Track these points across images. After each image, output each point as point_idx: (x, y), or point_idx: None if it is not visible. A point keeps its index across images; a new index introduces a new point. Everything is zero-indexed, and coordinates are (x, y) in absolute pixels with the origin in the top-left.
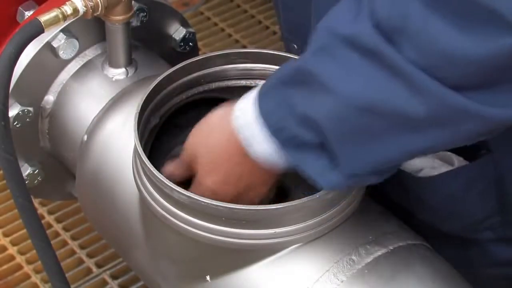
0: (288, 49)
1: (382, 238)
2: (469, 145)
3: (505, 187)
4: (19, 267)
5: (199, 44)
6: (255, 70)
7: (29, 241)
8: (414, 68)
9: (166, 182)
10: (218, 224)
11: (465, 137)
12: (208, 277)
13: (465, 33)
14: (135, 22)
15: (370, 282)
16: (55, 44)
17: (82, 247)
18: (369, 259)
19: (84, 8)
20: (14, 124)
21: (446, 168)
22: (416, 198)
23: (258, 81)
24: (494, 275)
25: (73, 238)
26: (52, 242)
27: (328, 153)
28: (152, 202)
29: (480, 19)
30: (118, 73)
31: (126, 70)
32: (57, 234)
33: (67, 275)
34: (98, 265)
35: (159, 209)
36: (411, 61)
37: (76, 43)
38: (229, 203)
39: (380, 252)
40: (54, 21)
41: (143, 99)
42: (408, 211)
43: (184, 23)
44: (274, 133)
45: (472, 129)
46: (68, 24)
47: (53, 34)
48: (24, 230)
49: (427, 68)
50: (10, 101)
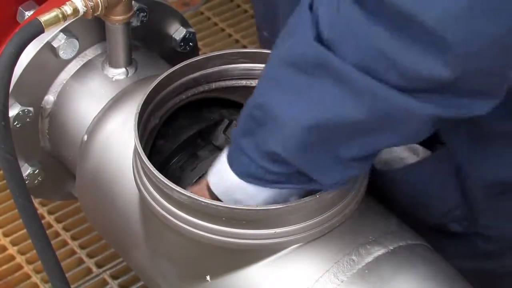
0: (260, 37)
1: (382, 238)
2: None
3: (464, 179)
4: (19, 267)
5: (199, 44)
6: (255, 70)
7: (29, 241)
8: (356, 72)
9: (166, 182)
10: (218, 224)
11: (417, 133)
12: (208, 277)
13: (406, 45)
14: (135, 22)
15: (370, 282)
16: (55, 44)
17: (82, 247)
18: (369, 259)
19: (84, 8)
20: (14, 124)
21: (412, 160)
22: (387, 190)
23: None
24: (465, 267)
25: (73, 238)
26: (52, 242)
27: (309, 178)
28: (152, 202)
29: (418, 32)
30: (118, 73)
31: (126, 70)
32: (57, 234)
33: (67, 275)
34: (98, 265)
35: (159, 209)
36: (354, 65)
37: (76, 43)
38: (230, 203)
39: (380, 252)
40: (54, 21)
41: (143, 99)
42: (385, 201)
43: (184, 23)
44: (260, 182)
45: (420, 127)
46: (68, 24)
47: (53, 34)
48: (24, 230)
49: (370, 71)
50: (10, 101)
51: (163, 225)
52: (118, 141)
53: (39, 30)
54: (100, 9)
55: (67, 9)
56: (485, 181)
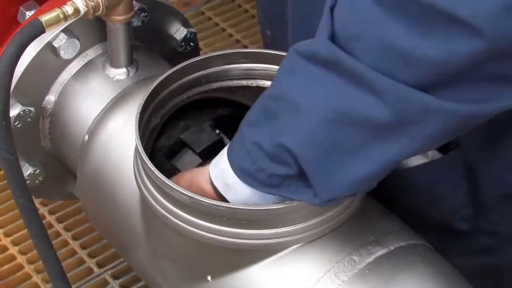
0: (263, 36)
1: (383, 238)
2: None
3: (476, 180)
4: (20, 267)
5: (200, 44)
6: (256, 70)
7: (30, 241)
8: (372, 72)
9: (167, 182)
10: (219, 224)
11: (433, 138)
12: (209, 277)
13: (425, 36)
14: (136, 22)
15: (371, 282)
16: (56, 44)
17: (83, 247)
18: (370, 259)
19: (85, 8)
20: (15, 124)
21: (422, 160)
22: (396, 189)
23: (259, 81)
24: (467, 265)
25: (74, 238)
26: (53, 242)
27: (307, 182)
28: (153, 202)
29: (438, 22)
30: (119, 73)
31: (127, 70)
32: (58, 234)
33: (68, 275)
34: (99, 265)
35: (160, 209)
36: (369, 65)
37: (77, 43)
38: (230, 203)
39: (381, 252)
40: (55, 21)
41: (144, 99)
42: (390, 199)
43: (185, 23)
44: (249, 178)
45: (438, 129)
46: (69, 24)
47: (54, 34)
48: (25, 230)
49: (387, 71)
50: (11, 101)
51: (164, 225)
52: (119, 141)
53: (40, 30)
54: (101, 9)
55: (68, 9)
56: (498, 182)
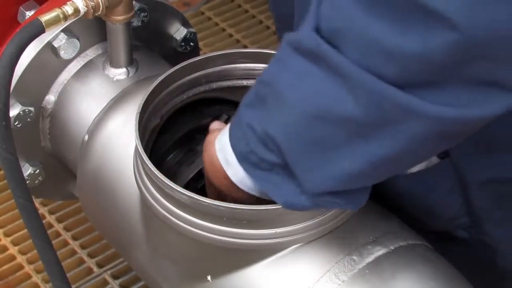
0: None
1: (383, 238)
2: None
3: (468, 188)
4: (20, 267)
5: (200, 44)
6: (256, 70)
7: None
8: (354, 67)
9: (167, 182)
10: (219, 224)
11: (418, 141)
12: (209, 277)
13: (404, 30)
14: (136, 22)
15: (371, 282)
16: (56, 44)
17: (83, 247)
18: (370, 259)
19: (85, 8)
20: (15, 124)
21: (419, 168)
22: (394, 196)
23: None
24: (472, 273)
25: (74, 238)
26: (53, 242)
27: (293, 175)
28: (153, 202)
29: (418, 17)
30: (119, 73)
31: (127, 70)
32: (58, 234)
33: (68, 275)
34: (99, 265)
35: (160, 209)
36: (352, 60)
37: (77, 43)
38: (230, 203)
39: (381, 252)
40: (55, 21)
41: (144, 99)
42: (390, 206)
43: (185, 23)
44: (242, 159)
45: (421, 132)
46: (69, 24)
47: (54, 34)
48: (25, 230)
49: (368, 67)
50: (11, 101)
51: (164, 225)
52: (119, 141)
53: (40, 30)
54: (101, 9)
55: (68, 9)
56: (489, 190)
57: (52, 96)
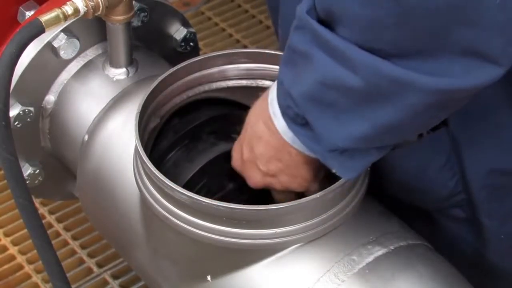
0: (277, 36)
1: (382, 238)
2: None
3: (464, 161)
4: (20, 267)
5: (200, 44)
6: (256, 70)
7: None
8: (346, 44)
9: (167, 182)
10: (219, 224)
11: (417, 110)
12: (209, 277)
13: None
14: (136, 22)
15: (370, 282)
16: (56, 44)
17: (83, 247)
18: (370, 259)
19: (85, 8)
20: (15, 124)
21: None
22: (382, 173)
23: (259, 81)
24: (457, 253)
25: (74, 238)
26: (53, 242)
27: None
28: (153, 202)
29: None
30: (119, 73)
31: (127, 70)
32: (58, 234)
33: (68, 275)
34: (99, 265)
35: (160, 209)
36: (344, 37)
37: (77, 43)
38: (230, 203)
39: (381, 252)
40: (55, 21)
41: (144, 99)
42: (377, 186)
43: (185, 23)
44: (283, 112)
45: (417, 101)
46: (69, 24)
47: (54, 34)
48: (25, 230)
49: (362, 42)
50: (11, 101)
51: (164, 225)
52: (119, 141)
53: (40, 30)
54: (101, 9)
55: (68, 9)
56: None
57: (52, 96)
